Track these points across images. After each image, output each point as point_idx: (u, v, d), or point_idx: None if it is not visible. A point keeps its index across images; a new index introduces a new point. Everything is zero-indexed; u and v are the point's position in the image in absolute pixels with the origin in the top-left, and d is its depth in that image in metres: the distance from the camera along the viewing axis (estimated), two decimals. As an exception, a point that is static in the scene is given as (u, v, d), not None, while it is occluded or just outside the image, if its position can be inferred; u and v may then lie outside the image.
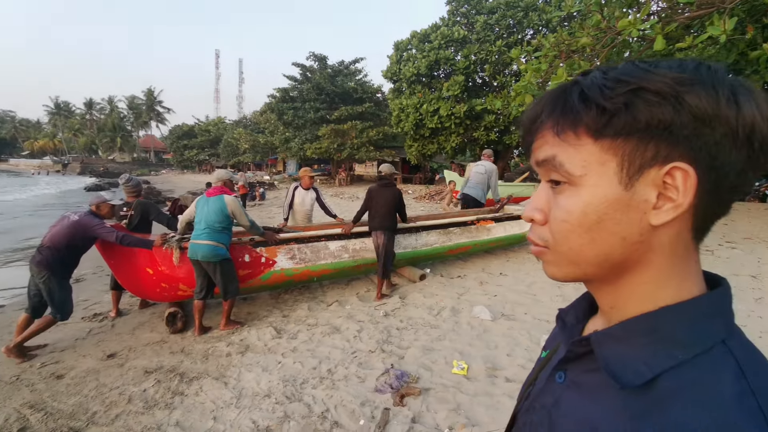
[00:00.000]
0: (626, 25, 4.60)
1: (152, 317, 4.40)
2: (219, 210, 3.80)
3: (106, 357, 3.48)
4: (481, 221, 5.55)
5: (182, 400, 2.74)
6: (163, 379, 3.03)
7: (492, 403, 2.52)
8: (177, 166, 59.57)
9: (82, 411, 2.68)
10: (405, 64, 16.44)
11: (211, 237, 3.73)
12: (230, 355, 3.39)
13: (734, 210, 2.29)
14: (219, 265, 3.74)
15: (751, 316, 3.44)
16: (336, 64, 26.86)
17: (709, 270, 0.40)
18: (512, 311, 3.96)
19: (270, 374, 3.02)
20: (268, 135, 31.65)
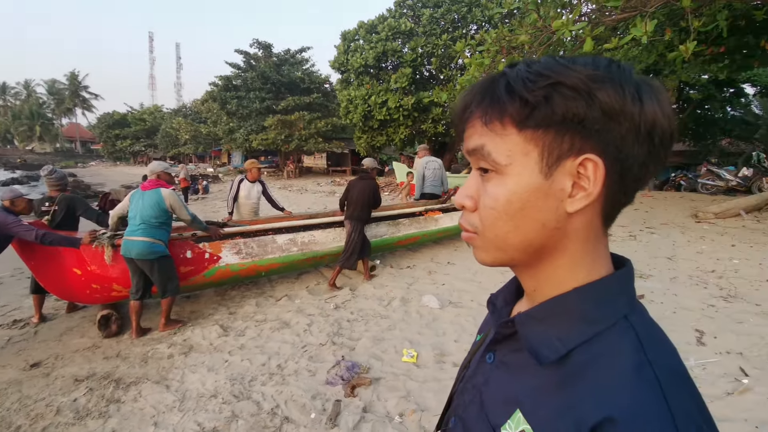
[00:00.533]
0: (560, 26, 4.86)
1: (82, 321, 4.07)
2: (155, 204, 3.56)
3: (29, 367, 3.18)
4: (429, 212, 5.68)
5: (119, 408, 2.57)
6: (96, 386, 2.82)
7: (440, 388, 2.60)
8: (108, 158, 55.06)
9: (5, 425, 2.44)
10: (352, 55, 16.27)
11: (147, 233, 3.49)
12: (172, 356, 3.23)
13: (653, 199, 2.56)
14: (156, 262, 3.52)
15: (666, 294, 3.82)
16: (282, 52, 26.04)
17: (632, 253, 0.44)
18: (459, 299, 4.10)
19: (216, 374, 2.91)
20: (211, 125, 30.10)
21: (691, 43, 4.78)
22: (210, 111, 30.09)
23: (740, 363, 2.60)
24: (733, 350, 2.74)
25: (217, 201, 14.43)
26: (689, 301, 3.56)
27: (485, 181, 0.45)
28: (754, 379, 2.43)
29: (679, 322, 3.18)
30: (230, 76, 25.48)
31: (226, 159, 38.27)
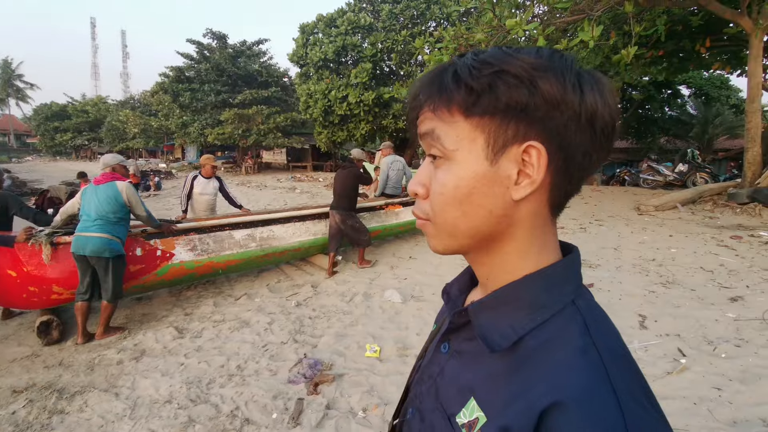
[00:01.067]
0: (513, 25, 5.01)
1: (19, 329, 3.75)
2: (112, 198, 3.35)
3: (-43, 381, 2.90)
4: (390, 206, 5.70)
5: (62, 419, 2.40)
6: (36, 398, 2.62)
7: (404, 381, 2.61)
8: (47, 152, 51.02)
9: (-76, 448, 2.21)
10: (311, 48, 16.00)
11: (105, 229, 3.29)
12: (122, 362, 3.05)
13: (601, 193, 2.69)
14: (111, 262, 3.31)
15: (613, 282, 4.05)
16: (237, 44, 25.13)
17: (582, 244, 0.46)
18: (421, 292, 4.15)
19: (171, 378, 2.79)
20: (162, 118, 28.61)
21: (633, 47, 5.09)
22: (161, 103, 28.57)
23: (678, 344, 2.80)
24: (672, 332, 2.96)
25: (171, 198, 13.79)
26: (633, 288, 3.80)
27: (435, 167, 0.45)
28: (691, 359, 2.64)
29: (624, 308, 3.38)
30: (182, 67, 24.31)
31: (180, 154, 36.58)
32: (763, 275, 3.94)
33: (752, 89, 8.71)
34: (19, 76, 61.78)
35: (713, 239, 5.36)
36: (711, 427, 2.03)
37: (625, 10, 5.03)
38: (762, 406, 2.17)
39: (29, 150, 60.00)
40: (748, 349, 2.68)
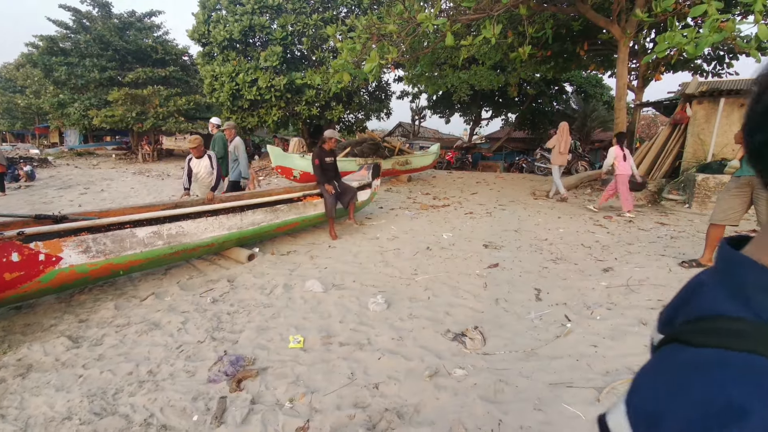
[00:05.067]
0: (423, 19, 5.23)
1: None
2: None
3: None
4: (308, 197, 5.65)
5: (-72, 456, 2.05)
6: None
7: (329, 369, 2.69)
8: None
9: None
10: (215, 27, 14.88)
11: None
12: (4, 380, 2.66)
13: (504, 180, 3.04)
14: None
15: (514, 261, 4.54)
16: (125, 14, 22.36)
17: (488, 227, 0.52)
18: (342, 281, 4.23)
19: (68, 392, 2.51)
20: (32, 96, 24.50)
21: (527, 46, 5.64)
22: (29, 78, 24.44)
23: (565, 311, 3.27)
24: (560, 302, 3.44)
25: (49, 190, 11.97)
26: (530, 266, 4.30)
27: None
28: (574, 323, 3.09)
29: (523, 283, 3.82)
30: (56, 36, 20.97)
31: (57, 138, 31.72)
32: (628, 249, 4.72)
33: (620, 89, 10.17)
34: None
35: (591, 219, 6.24)
36: (589, 378, 2.43)
37: (520, 12, 5.54)
38: (628, 357, 2.64)
39: None
40: (616, 311, 3.22)
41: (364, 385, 2.49)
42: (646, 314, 3.14)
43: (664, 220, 6.28)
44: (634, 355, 2.63)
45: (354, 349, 2.90)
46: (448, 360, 2.69)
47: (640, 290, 3.57)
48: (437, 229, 6.09)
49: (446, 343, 2.91)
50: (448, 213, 7.37)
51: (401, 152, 12.07)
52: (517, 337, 2.92)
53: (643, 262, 4.26)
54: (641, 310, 3.22)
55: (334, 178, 5.86)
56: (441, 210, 7.71)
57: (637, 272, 3.97)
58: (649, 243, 4.96)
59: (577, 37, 12.01)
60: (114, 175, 15.64)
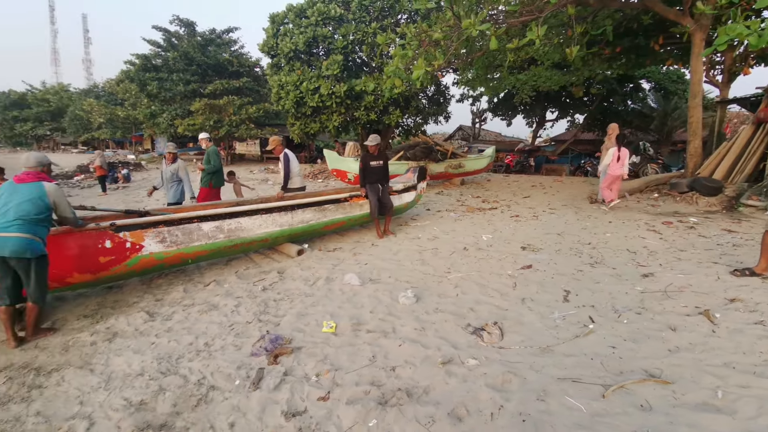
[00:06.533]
0: (468, 25, 5.37)
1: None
2: (38, 199, 3.29)
3: (-66, 364, 3.07)
4: (354, 198, 6.01)
5: (41, 392, 2.65)
6: (15, 375, 2.84)
7: (354, 351, 2.98)
8: (6, 143, 48.68)
9: None
10: (282, 39, 15.96)
11: (24, 229, 3.17)
12: (95, 343, 3.29)
13: (562, 183, 3.27)
14: (34, 262, 3.22)
15: (549, 263, 4.52)
16: (207, 31, 24.66)
17: (531, 230, 0.65)
18: (378, 276, 4.52)
19: (142, 355, 3.05)
20: (129, 108, 27.84)
21: (575, 47, 5.53)
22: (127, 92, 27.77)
23: (591, 313, 3.27)
24: (588, 304, 3.43)
25: (141, 190, 13.66)
26: (564, 268, 4.28)
27: None
28: (598, 324, 3.10)
29: (554, 285, 3.84)
30: (149, 54, 23.72)
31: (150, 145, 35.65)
32: (677, 255, 4.49)
33: (694, 85, 9.40)
34: (-29, 62, 58.25)
35: (646, 225, 5.94)
36: (599, 375, 2.47)
37: (568, 12, 5.46)
38: (647, 359, 2.63)
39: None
40: (645, 316, 3.16)
41: (382, 367, 2.74)
42: (678, 321, 3.05)
43: (733, 228, 5.79)
44: (653, 359, 2.61)
45: (379, 336, 3.16)
46: (463, 350, 2.86)
47: (678, 297, 3.44)
48: (478, 231, 6.17)
49: (465, 336, 3.07)
50: (494, 216, 7.38)
51: (454, 155, 12.13)
52: (536, 335, 3.00)
53: (689, 269, 4.05)
54: (673, 316, 3.13)
55: (380, 182, 6.14)
56: (487, 212, 7.72)
57: (680, 279, 3.80)
58: (704, 250, 4.66)
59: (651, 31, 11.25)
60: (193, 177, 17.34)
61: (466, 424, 2.16)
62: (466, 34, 5.62)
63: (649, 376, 2.43)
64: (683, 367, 2.50)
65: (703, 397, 2.21)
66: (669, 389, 2.30)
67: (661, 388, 2.32)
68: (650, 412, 2.13)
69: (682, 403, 2.18)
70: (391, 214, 6.30)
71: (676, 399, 2.21)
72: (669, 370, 2.49)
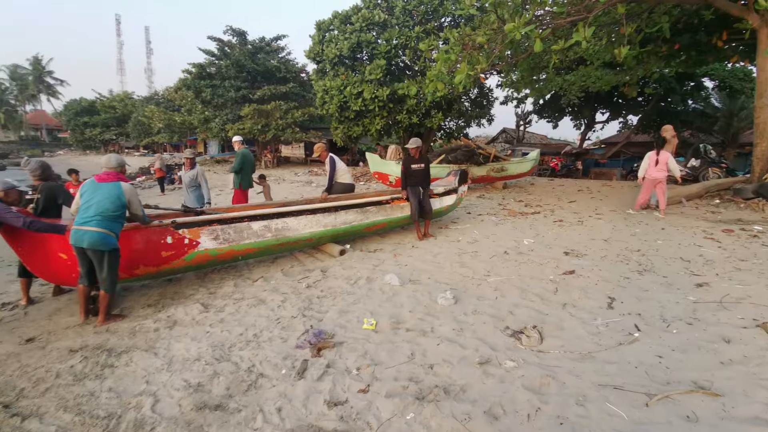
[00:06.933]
0: (511, 29, 5.34)
1: (69, 303, 4.38)
2: (116, 197, 3.65)
3: (25, 341, 3.50)
4: (396, 200, 6.13)
5: (113, 371, 2.95)
6: (90, 355, 3.18)
7: (393, 348, 3.09)
8: (77, 146, 53.24)
9: (9, 388, 2.79)
10: (327, 45, 16.44)
11: (102, 224, 3.55)
12: (158, 330, 3.60)
13: (611, 188, 3.33)
14: (107, 254, 3.59)
15: (593, 269, 4.40)
16: (257, 40, 25.81)
17: (576, 236, 0.69)
18: (418, 277, 4.59)
19: (199, 342, 3.31)
20: (185, 114, 29.64)
21: (624, 47, 5.35)
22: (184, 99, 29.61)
23: (636, 321, 3.17)
24: (634, 312, 3.32)
25: (194, 191, 14.50)
26: (610, 275, 4.15)
27: None
28: (644, 333, 3.01)
29: (597, 291, 3.75)
30: (204, 63, 25.15)
31: (202, 148, 37.73)
32: (736, 265, 4.23)
33: (761, 84, 8.74)
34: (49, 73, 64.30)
35: (703, 233, 5.61)
36: (643, 384, 2.41)
37: (618, 11, 5.29)
38: (696, 371, 2.54)
39: (60, 144, 62.58)
40: (698, 327, 3.03)
41: (420, 364, 2.82)
42: (733, 333, 2.90)
43: (806, 237, 5.35)
44: (703, 371, 2.51)
45: (417, 335, 3.24)
46: (501, 352, 2.88)
47: (735, 308, 3.26)
48: (519, 235, 6.08)
49: (503, 338, 3.08)
50: (536, 220, 7.23)
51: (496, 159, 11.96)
52: (576, 340, 2.96)
53: (749, 280, 3.81)
54: (728, 327, 2.98)
55: (421, 185, 6.21)
56: (529, 217, 7.57)
57: (738, 290, 3.59)
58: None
59: (713, 27, 10.55)
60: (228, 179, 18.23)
61: (502, 423, 2.20)
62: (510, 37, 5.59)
63: (697, 388, 2.35)
64: (735, 380, 2.40)
65: (755, 411, 2.12)
66: (718, 402, 2.21)
67: (709, 400, 2.24)
68: (696, 423, 2.07)
69: (732, 416, 2.10)
70: (430, 217, 6.35)
71: (725, 412, 2.13)
72: (720, 382, 2.39)
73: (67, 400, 2.63)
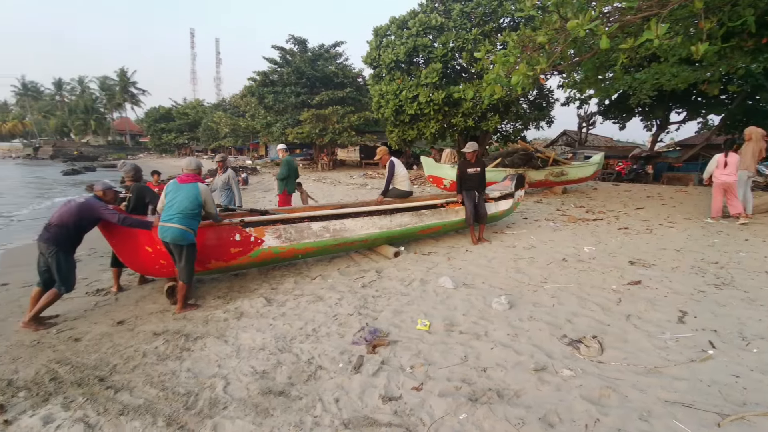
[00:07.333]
0: (574, 27, 5.14)
1: (152, 291, 4.87)
2: (194, 197, 4.05)
3: (116, 323, 3.96)
4: (450, 204, 6.13)
5: (190, 354, 3.26)
6: (170, 339, 3.54)
7: (446, 349, 3.13)
8: (155, 150, 58.35)
9: (104, 364, 3.18)
10: (384, 50, 16.71)
11: (182, 221, 3.94)
12: (227, 320, 3.91)
13: (687, 194, 3.22)
14: (185, 249, 3.99)
15: (663, 281, 4.13)
16: (316, 47, 26.81)
17: (643, 245, 0.70)
18: (472, 281, 4.58)
19: (263, 333, 3.56)
20: (249, 119, 31.45)
21: (704, 44, 4.95)
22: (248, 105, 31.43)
23: (711, 338, 2.96)
24: (709, 328, 3.09)
25: (257, 192, 15.38)
26: (681, 287, 3.88)
27: None
28: (719, 351, 2.80)
29: (667, 304, 3.52)
30: (267, 71, 26.56)
31: (264, 151, 39.77)
32: (835, 282, 3.78)
33: None
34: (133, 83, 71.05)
35: (795, 244, 5.06)
36: (716, 403, 2.26)
37: (695, 6, 4.92)
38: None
39: (141, 148, 68.90)
40: (784, 347, 2.77)
41: (473, 367, 2.84)
42: (828, 356, 2.62)
43: None
44: (788, 394, 2.31)
45: (471, 338, 3.26)
46: (558, 360, 2.82)
47: (830, 329, 2.93)
48: (579, 242, 5.83)
49: (560, 346, 3.01)
50: (598, 227, 6.88)
51: (556, 162, 11.51)
52: (641, 353, 2.82)
53: None
54: (821, 350, 2.69)
55: (476, 189, 6.17)
56: (591, 223, 7.21)
57: (835, 309, 3.21)
58: None
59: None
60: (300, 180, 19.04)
61: (557, 431, 2.17)
62: (573, 35, 5.39)
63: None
64: (828, 407, 2.17)
65: None
66: (805, 429, 2.03)
67: (795, 426, 2.05)
68: (778, 449, 1.91)
69: (822, 445, 1.92)
70: (486, 221, 6.28)
71: (813, 440, 1.95)
72: (808, 408, 2.18)
73: (153, 377, 2.95)
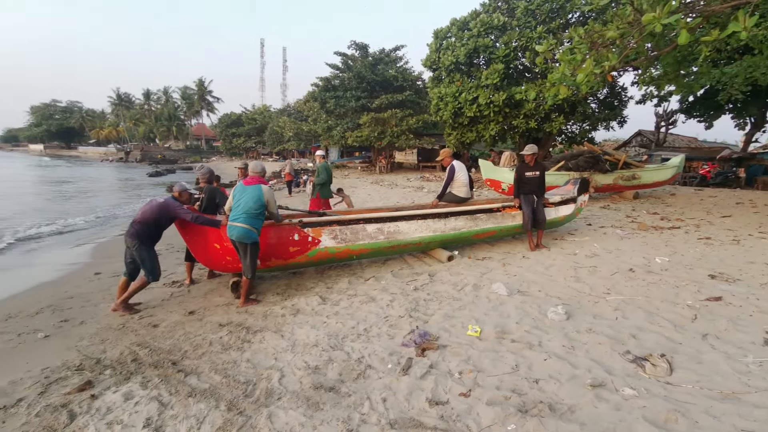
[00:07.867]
0: (650, 20, 4.77)
1: (219, 285, 5.25)
2: (258, 198, 4.33)
3: (188, 313, 4.33)
4: (507, 208, 5.96)
5: (250, 346, 3.49)
6: (233, 330, 3.80)
7: (496, 357, 3.05)
8: (226, 154, 62.64)
9: (177, 349, 3.50)
10: (444, 53, 16.58)
11: (247, 221, 4.23)
12: (284, 315, 4.12)
13: None
14: (249, 246, 4.27)
15: (749, 298, 3.70)
16: (377, 52, 27.24)
17: (729, 257, 0.68)
18: (527, 288, 4.42)
19: (317, 330, 3.70)
20: (312, 123, 32.73)
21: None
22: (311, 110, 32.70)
23: (805, 365, 2.61)
24: (802, 353, 2.73)
25: (317, 193, 15.92)
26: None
27: None
28: (815, 380, 2.47)
29: (752, 324, 3.15)
30: (329, 77, 27.45)
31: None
32: None
33: None
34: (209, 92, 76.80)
35: None
36: (807, 440, 2.00)
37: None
38: None
39: (214, 152, 74.34)
40: None
41: (525, 377, 2.75)
42: None
43: None
44: None
45: (523, 347, 3.15)
46: (618, 378, 2.65)
47: None
48: (650, 252, 5.38)
49: (622, 363, 2.82)
50: (674, 236, 6.29)
51: (627, 165, 10.72)
52: (717, 377, 2.56)
53: None
54: None
55: (535, 193, 5.94)
56: (665, 232, 6.62)
57: None
58: None
59: None
60: (358, 183, 19.47)
61: (614, 452, 2.04)
62: (649, 29, 5.01)
63: None
64: None
65: None
66: None
67: None
68: None
69: None
70: (544, 227, 6.03)
71: None
72: None
73: (217, 364, 3.19)
